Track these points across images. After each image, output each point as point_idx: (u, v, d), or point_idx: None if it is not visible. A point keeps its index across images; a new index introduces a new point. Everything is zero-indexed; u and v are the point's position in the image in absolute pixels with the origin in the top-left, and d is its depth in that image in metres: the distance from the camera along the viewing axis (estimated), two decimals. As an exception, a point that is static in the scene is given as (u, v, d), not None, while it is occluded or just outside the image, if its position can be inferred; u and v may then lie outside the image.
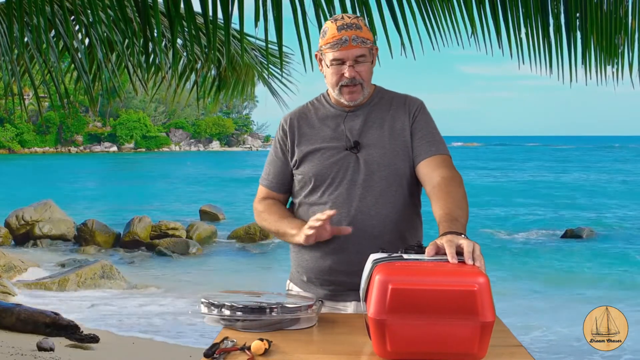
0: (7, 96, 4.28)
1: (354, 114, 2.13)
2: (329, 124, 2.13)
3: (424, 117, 2.14)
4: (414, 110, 2.13)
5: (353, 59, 2.03)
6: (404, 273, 1.51)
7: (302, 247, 2.13)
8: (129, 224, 14.34)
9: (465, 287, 1.46)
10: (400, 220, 2.07)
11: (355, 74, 2.04)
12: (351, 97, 2.08)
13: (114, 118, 70.22)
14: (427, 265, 1.55)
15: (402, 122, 2.12)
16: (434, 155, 2.06)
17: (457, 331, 1.47)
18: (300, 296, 1.97)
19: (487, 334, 1.47)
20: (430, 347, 1.48)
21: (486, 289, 1.46)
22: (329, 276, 2.09)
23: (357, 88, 2.07)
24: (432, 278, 1.48)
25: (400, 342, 1.48)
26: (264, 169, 2.25)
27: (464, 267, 1.53)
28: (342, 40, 2.01)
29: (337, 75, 2.06)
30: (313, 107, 2.20)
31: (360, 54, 2.03)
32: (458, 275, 1.50)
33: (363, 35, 2.03)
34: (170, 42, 3.67)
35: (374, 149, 2.07)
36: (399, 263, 1.57)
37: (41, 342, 5.65)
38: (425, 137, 2.09)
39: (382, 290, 1.47)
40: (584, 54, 3.17)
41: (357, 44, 2.02)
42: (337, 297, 2.10)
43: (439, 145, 2.09)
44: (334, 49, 2.03)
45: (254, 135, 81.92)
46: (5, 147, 63.03)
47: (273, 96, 4.94)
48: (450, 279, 1.48)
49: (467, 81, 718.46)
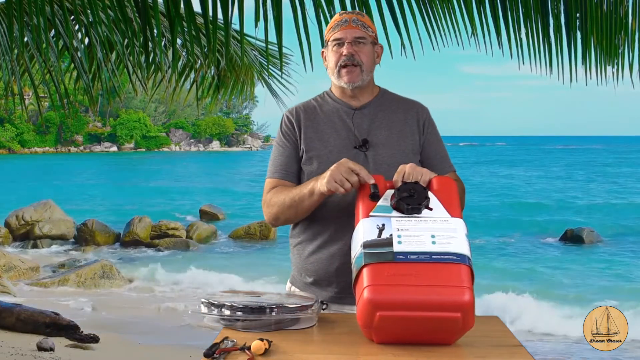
0: (7, 96, 4.28)
1: (360, 112, 2.11)
2: (335, 120, 2.11)
3: (434, 129, 2.18)
4: (424, 119, 2.16)
5: (352, 39, 2.05)
6: (392, 293, 1.55)
7: (306, 250, 2.09)
8: (129, 224, 14.35)
9: (450, 315, 1.54)
10: None
11: (354, 52, 2.05)
12: (350, 78, 2.06)
13: (114, 118, 70.18)
14: (415, 279, 1.57)
15: (411, 127, 2.12)
16: (447, 174, 2.13)
17: (441, 336, 1.61)
18: (300, 296, 1.97)
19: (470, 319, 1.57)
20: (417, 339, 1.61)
21: (469, 308, 1.54)
22: (336, 279, 2.05)
23: (356, 69, 2.06)
24: (420, 303, 1.54)
25: (386, 339, 1.61)
26: (271, 163, 2.14)
27: (453, 278, 1.57)
28: (342, 21, 2.08)
29: (337, 55, 2.07)
30: (317, 103, 2.17)
31: (360, 35, 2.06)
32: (444, 295, 1.55)
33: (364, 20, 2.09)
34: (170, 42, 3.67)
35: (383, 149, 2.06)
36: (388, 269, 1.58)
37: (41, 342, 5.65)
38: (439, 153, 2.16)
39: (369, 312, 1.56)
40: (584, 54, 3.17)
41: (357, 25, 2.07)
42: (343, 299, 2.06)
43: (447, 160, 2.18)
44: (335, 31, 2.08)
45: (254, 135, 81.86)
46: (5, 147, 62.97)
47: (273, 96, 4.94)
48: (437, 302, 1.54)
49: (467, 81, 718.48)
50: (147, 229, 14.18)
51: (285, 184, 2.08)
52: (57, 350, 5.67)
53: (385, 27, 2.94)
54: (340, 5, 2.94)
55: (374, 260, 1.60)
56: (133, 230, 14.07)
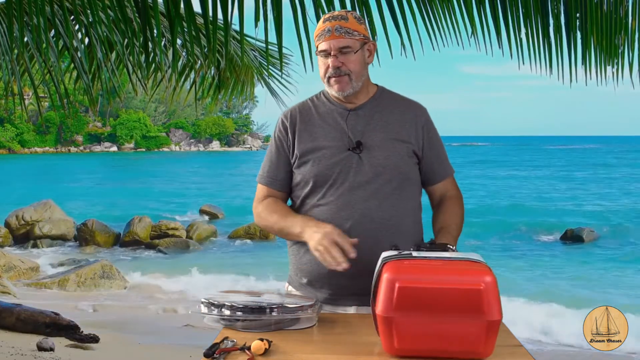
0: (7, 96, 4.28)
1: (355, 113, 2.09)
2: (330, 122, 2.09)
3: (433, 131, 2.16)
4: (423, 121, 2.13)
5: (337, 50, 2.01)
6: (411, 271, 1.52)
7: (301, 250, 2.09)
8: (129, 224, 14.35)
9: (472, 285, 1.48)
10: (402, 224, 2.05)
11: (340, 64, 2.02)
12: (339, 88, 2.05)
13: (114, 118, 70.19)
14: (435, 263, 1.56)
15: (408, 129, 2.09)
16: (446, 179, 2.17)
17: (463, 329, 1.49)
18: (301, 296, 1.97)
19: (493, 332, 1.49)
20: (437, 345, 1.51)
21: (493, 288, 1.48)
22: (329, 280, 2.04)
23: (344, 79, 2.03)
24: (439, 276, 1.50)
25: (407, 339, 1.51)
26: (262, 166, 2.19)
27: (473, 266, 1.54)
28: (325, 31, 2.02)
29: (324, 66, 2.05)
30: (313, 104, 2.16)
31: (344, 45, 2.01)
32: (465, 274, 1.51)
33: (348, 25, 2.01)
34: (169, 42, 3.67)
35: (378, 151, 2.04)
36: (408, 261, 1.58)
37: (41, 342, 5.64)
38: (439, 157, 2.15)
39: (389, 288, 1.49)
40: (584, 54, 3.16)
41: (340, 34, 2.00)
42: (337, 301, 2.06)
43: (447, 164, 2.18)
44: (320, 41, 2.04)
45: (254, 135, 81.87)
46: (5, 147, 62.98)
47: (272, 96, 4.94)
48: (457, 278, 1.50)
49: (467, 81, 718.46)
50: (147, 229, 14.18)
51: (273, 195, 2.15)
52: (57, 350, 5.66)
53: (385, 27, 2.94)
54: (340, 5, 2.94)
55: (393, 259, 1.60)
56: (133, 230, 14.07)
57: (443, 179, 2.16)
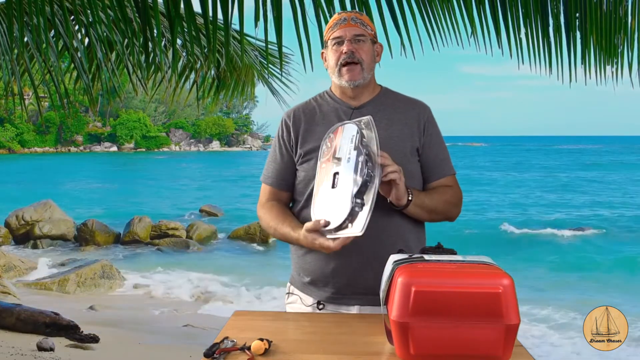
0: (7, 96, 4.28)
1: (359, 112, 2.08)
2: (333, 120, 2.08)
3: (435, 130, 2.15)
4: (425, 119, 2.13)
5: (352, 37, 2.06)
6: (427, 275, 1.47)
7: (303, 249, 2.09)
8: (129, 224, 14.36)
9: (490, 289, 1.43)
10: (405, 223, 2.05)
11: (354, 50, 2.06)
12: (351, 77, 2.06)
13: (114, 118, 70.18)
14: (450, 267, 1.51)
15: (411, 127, 2.10)
16: (444, 178, 2.14)
17: (481, 334, 1.44)
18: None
19: (512, 336, 1.45)
20: (454, 350, 1.46)
21: (511, 291, 1.43)
22: (332, 279, 2.04)
23: (357, 67, 2.06)
24: (456, 280, 1.45)
25: (423, 345, 1.46)
26: (266, 167, 2.19)
27: (488, 269, 1.49)
28: (341, 20, 2.09)
29: (337, 53, 2.08)
30: (316, 103, 2.16)
31: (360, 32, 2.07)
32: (482, 277, 1.46)
33: (363, 19, 2.10)
34: (169, 42, 3.67)
35: (382, 149, 2.03)
36: (421, 264, 1.53)
37: (41, 342, 5.65)
38: (439, 155, 2.14)
39: (404, 293, 1.44)
40: (584, 54, 3.16)
41: (355, 23, 2.07)
42: (339, 300, 2.06)
43: (448, 163, 2.16)
44: (334, 30, 2.08)
45: (254, 135, 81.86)
46: (5, 147, 62.98)
47: (273, 96, 4.94)
48: (474, 281, 1.45)
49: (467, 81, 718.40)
50: (147, 229, 14.18)
51: (277, 195, 2.16)
52: (57, 350, 5.66)
53: (385, 27, 2.94)
54: (340, 6, 2.94)
55: (405, 263, 1.56)
56: (133, 230, 14.08)
57: (440, 178, 2.13)
